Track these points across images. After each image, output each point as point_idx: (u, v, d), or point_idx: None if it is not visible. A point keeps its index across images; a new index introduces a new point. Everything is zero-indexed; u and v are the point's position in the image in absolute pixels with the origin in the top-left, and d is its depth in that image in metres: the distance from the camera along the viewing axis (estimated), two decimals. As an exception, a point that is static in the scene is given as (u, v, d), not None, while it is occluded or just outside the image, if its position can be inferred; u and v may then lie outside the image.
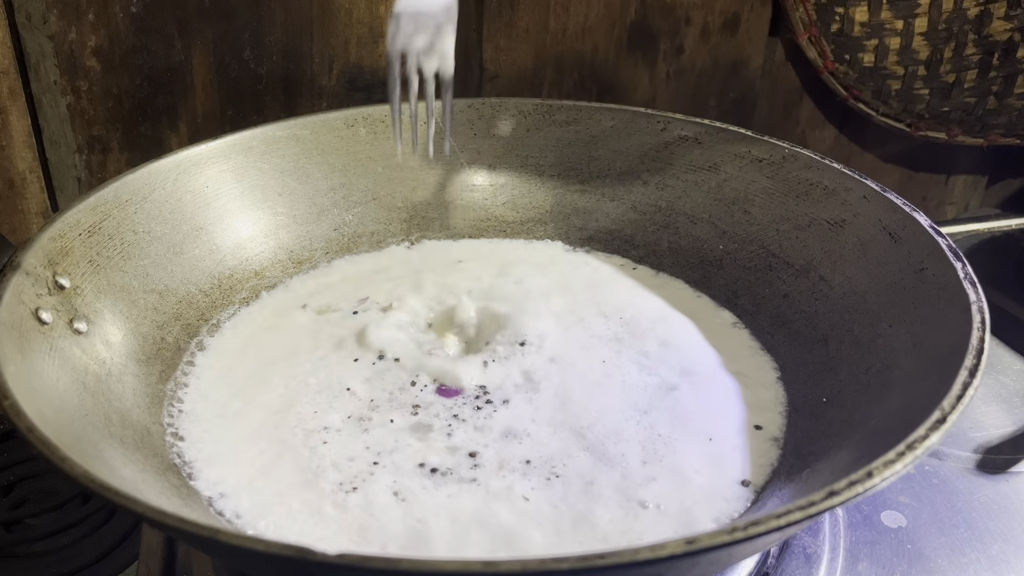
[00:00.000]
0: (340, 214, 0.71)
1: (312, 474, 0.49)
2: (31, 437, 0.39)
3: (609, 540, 0.45)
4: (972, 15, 0.87)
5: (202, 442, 0.52)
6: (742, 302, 0.65)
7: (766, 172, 0.67)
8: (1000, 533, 0.55)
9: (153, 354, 0.56)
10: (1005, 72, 0.90)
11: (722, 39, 0.90)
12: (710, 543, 0.33)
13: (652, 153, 0.72)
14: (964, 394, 0.41)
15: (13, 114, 0.71)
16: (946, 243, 0.53)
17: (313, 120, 0.70)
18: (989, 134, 0.95)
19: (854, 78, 0.91)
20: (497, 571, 0.32)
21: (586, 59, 0.87)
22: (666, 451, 0.50)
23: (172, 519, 0.35)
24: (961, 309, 0.48)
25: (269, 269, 0.67)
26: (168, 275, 0.60)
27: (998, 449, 0.62)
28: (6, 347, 0.44)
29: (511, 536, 0.45)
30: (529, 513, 0.46)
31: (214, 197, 0.65)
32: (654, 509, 0.47)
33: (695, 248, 0.69)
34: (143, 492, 0.42)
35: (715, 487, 0.48)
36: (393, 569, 0.32)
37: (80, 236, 0.55)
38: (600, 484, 0.48)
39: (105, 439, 0.46)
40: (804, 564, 0.51)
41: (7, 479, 0.64)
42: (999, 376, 0.70)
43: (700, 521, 0.46)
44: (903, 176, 1.05)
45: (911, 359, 0.50)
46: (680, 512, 0.47)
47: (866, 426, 0.48)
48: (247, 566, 0.43)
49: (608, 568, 0.32)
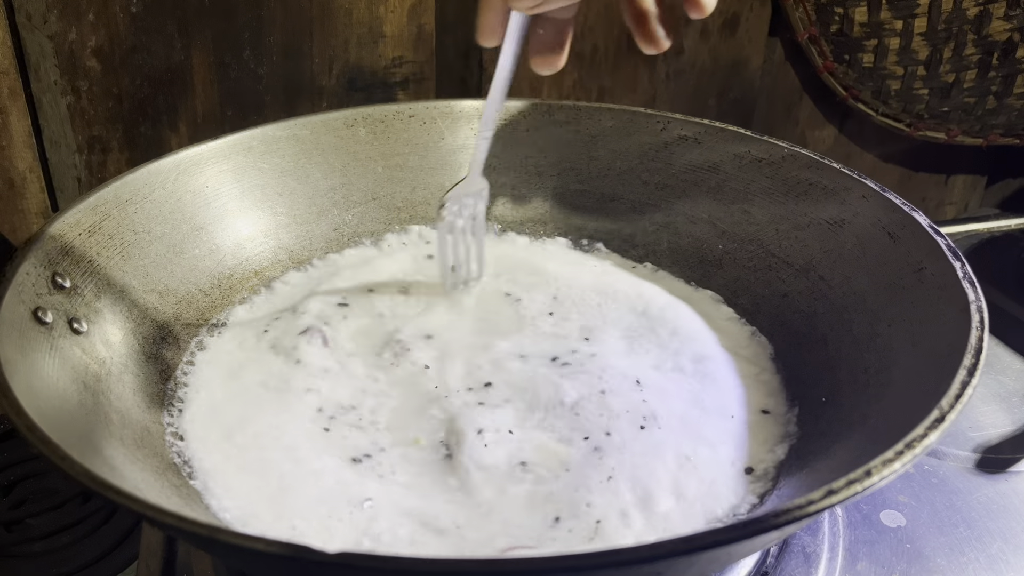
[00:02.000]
0: (340, 214, 0.71)
1: (314, 472, 0.49)
2: (31, 437, 0.39)
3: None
4: (971, 15, 0.87)
5: (202, 441, 0.52)
6: (741, 302, 0.65)
7: (766, 172, 0.67)
8: (999, 532, 0.55)
9: (153, 354, 0.56)
10: (1004, 72, 0.90)
11: (722, 39, 0.90)
12: (708, 541, 0.33)
13: (652, 153, 0.72)
14: (963, 393, 0.42)
15: (13, 114, 0.71)
16: (945, 243, 0.53)
17: (313, 120, 0.70)
18: (988, 134, 0.95)
19: (854, 78, 0.91)
20: (497, 569, 0.32)
21: (585, 59, 0.87)
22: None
23: (172, 518, 0.35)
24: (960, 309, 0.48)
25: (269, 269, 0.67)
26: (168, 275, 0.60)
27: (997, 448, 0.62)
28: (6, 347, 0.44)
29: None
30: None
31: (214, 197, 0.65)
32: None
33: (695, 248, 0.69)
34: (143, 491, 0.43)
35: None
36: (393, 568, 0.32)
37: (80, 236, 0.55)
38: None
39: (105, 438, 0.46)
40: (803, 563, 0.51)
41: (7, 479, 0.64)
42: (998, 375, 0.70)
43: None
44: (902, 176, 1.05)
45: (910, 358, 0.50)
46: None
47: (865, 425, 0.48)
48: (247, 565, 0.43)
49: (607, 566, 0.32)
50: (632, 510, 0.47)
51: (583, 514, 0.46)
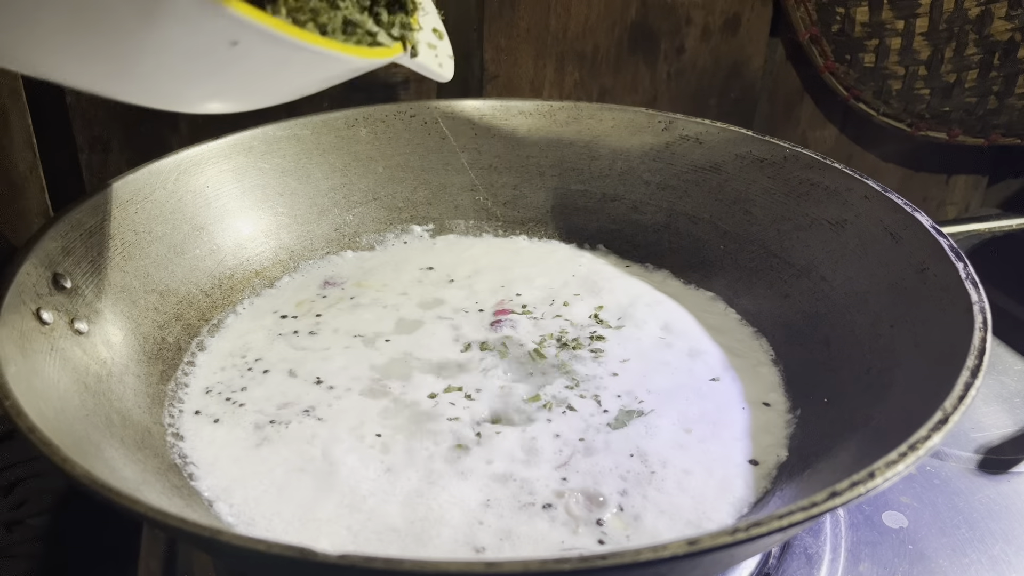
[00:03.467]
0: (341, 214, 0.71)
1: (317, 473, 0.49)
2: (32, 438, 0.38)
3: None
4: (973, 15, 0.87)
5: (203, 442, 0.52)
6: (743, 302, 0.65)
7: (767, 172, 0.67)
8: (1002, 534, 0.55)
9: (154, 354, 0.56)
10: (1006, 72, 0.89)
11: (723, 39, 0.90)
12: (712, 544, 0.33)
13: (653, 153, 0.72)
14: (966, 394, 0.41)
15: (13, 114, 0.70)
16: (948, 243, 0.53)
17: (314, 120, 0.70)
18: (990, 134, 0.95)
19: (855, 78, 0.91)
20: (499, 571, 0.32)
21: (587, 59, 0.87)
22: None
23: (173, 520, 0.35)
24: (963, 309, 0.48)
25: (270, 269, 0.67)
26: (169, 275, 0.60)
27: (999, 449, 0.62)
28: (7, 347, 0.44)
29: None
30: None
31: (215, 197, 0.65)
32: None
33: (696, 248, 0.69)
34: (144, 492, 0.42)
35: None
36: (395, 570, 0.32)
37: (81, 236, 0.55)
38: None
39: (106, 439, 0.46)
40: (805, 564, 0.51)
41: (8, 479, 0.64)
42: (1000, 376, 0.70)
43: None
44: (904, 176, 1.05)
45: (912, 360, 0.50)
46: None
47: (868, 426, 0.48)
48: (248, 566, 0.43)
49: (610, 569, 0.32)
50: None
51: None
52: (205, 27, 0.32)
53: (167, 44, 0.32)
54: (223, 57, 0.34)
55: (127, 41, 0.32)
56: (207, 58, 0.34)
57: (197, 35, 0.32)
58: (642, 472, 0.49)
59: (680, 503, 0.48)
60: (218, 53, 0.34)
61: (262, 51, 0.35)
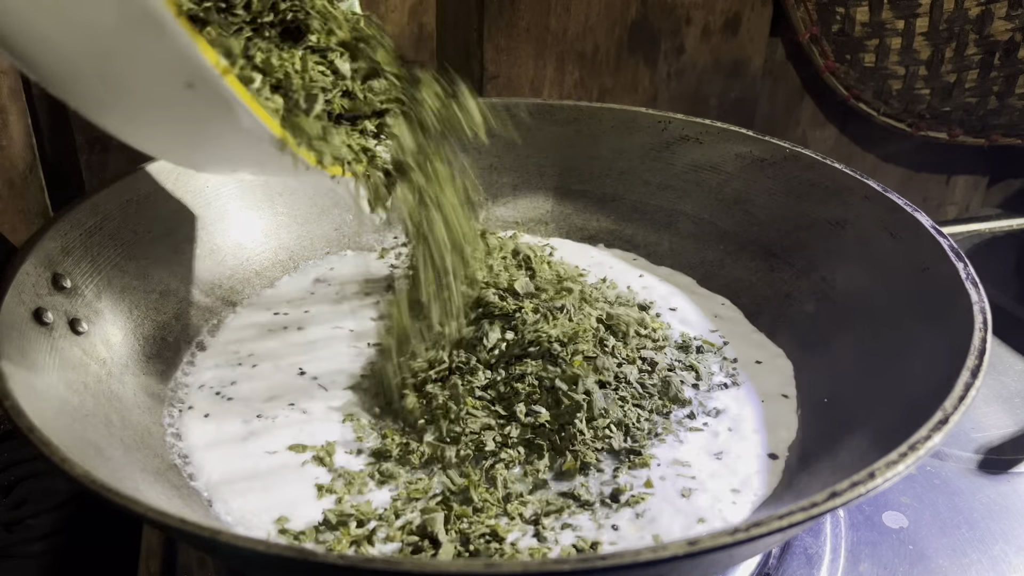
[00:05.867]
0: (341, 213, 0.71)
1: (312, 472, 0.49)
2: (32, 438, 0.38)
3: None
4: (973, 15, 0.87)
5: (203, 442, 0.52)
6: (743, 302, 0.65)
7: (767, 172, 0.67)
8: (1002, 533, 0.55)
9: (154, 354, 0.56)
10: (1006, 72, 0.89)
11: (723, 39, 0.90)
12: (711, 544, 0.33)
13: (653, 153, 0.72)
14: (966, 395, 0.41)
15: (13, 114, 0.70)
16: (948, 243, 0.53)
17: (314, 120, 0.70)
18: (990, 134, 0.95)
19: (855, 78, 0.91)
20: (499, 571, 0.32)
21: (587, 59, 0.87)
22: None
23: (173, 520, 0.35)
24: (963, 310, 0.48)
25: (270, 269, 0.67)
26: (169, 275, 0.60)
27: (1000, 450, 0.62)
28: (7, 347, 0.44)
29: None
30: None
31: (214, 197, 0.65)
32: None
33: (696, 248, 0.69)
34: (144, 493, 0.42)
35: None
36: (394, 570, 0.32)
37: (81, 236, 0.55)
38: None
39: (106, 439, 0.46)
40: (805, 565, 0.51)
41: (7, 479, 0.64)
42: (1001, 377, 0.70)
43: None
44: (904, 176, 1.05)
45: (913, 359, 0.50)
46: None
47: (867, 427, 0.48)
48: (247, 567, 0.43)
49: (609, 569, 0.32)
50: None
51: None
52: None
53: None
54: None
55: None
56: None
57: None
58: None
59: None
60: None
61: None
